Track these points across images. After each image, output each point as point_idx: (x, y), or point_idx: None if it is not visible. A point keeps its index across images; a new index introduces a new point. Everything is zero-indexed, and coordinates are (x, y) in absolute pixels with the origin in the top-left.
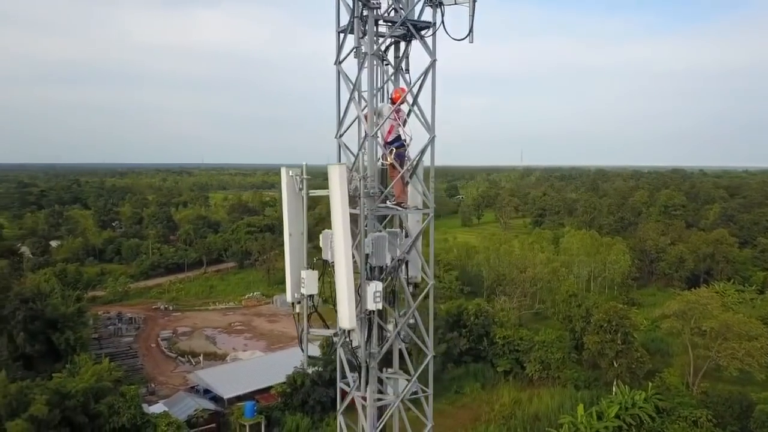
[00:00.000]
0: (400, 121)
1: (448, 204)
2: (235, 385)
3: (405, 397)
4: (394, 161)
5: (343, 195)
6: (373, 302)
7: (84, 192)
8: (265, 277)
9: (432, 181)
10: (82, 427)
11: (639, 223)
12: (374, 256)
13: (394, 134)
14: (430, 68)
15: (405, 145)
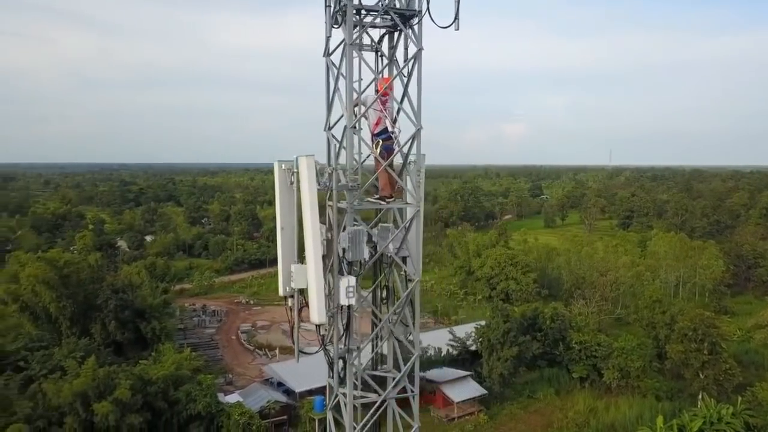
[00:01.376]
0: (387, 113)
1: (531, 204)
2: (307, 380)
3: (391, 396)
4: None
5: (312, 188)
6: (346, 297)
7: (178, 190)
8: None
9: (419, 175)
10: (161, 412)
11: (736, 226)
12: (350, 251)
13: (381, 126)
14: (416, 58)
15: (393, 137)
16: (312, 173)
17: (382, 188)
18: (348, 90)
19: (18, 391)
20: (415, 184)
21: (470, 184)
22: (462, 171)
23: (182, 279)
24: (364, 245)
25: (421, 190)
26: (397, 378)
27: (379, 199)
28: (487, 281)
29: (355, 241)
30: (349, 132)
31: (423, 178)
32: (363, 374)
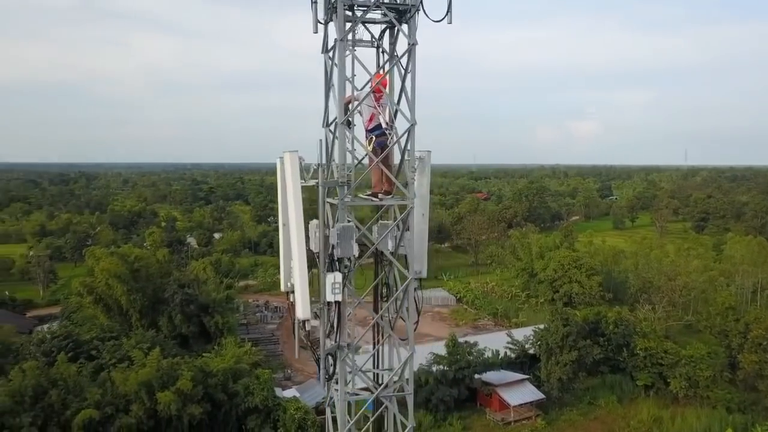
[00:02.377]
0: (381, 109)
1: (599, 205)
2: None
3: (384, 395)
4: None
5: (295, 183)
6: (332, 293)
7: (246, 189)
8: None
9: (412, 171)
10: (221, 403)
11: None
12: (339, 247)
13: (374, 122)
14: (409, 53)
15: (386, 133)
16: (296, 169)
17: (375, 185)
18: (339, 86)
19: (90, 379)
20: (410, 181)
21: (536, 184)
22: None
23: (247, 275)
24: (352, 242)
25: (426, 187)
26: (391, 375)
27: (371, 196)
28: (549, 284)
29: (344, 237)
30: (340, 128)
31: (428, 175)
32: (357, 371)
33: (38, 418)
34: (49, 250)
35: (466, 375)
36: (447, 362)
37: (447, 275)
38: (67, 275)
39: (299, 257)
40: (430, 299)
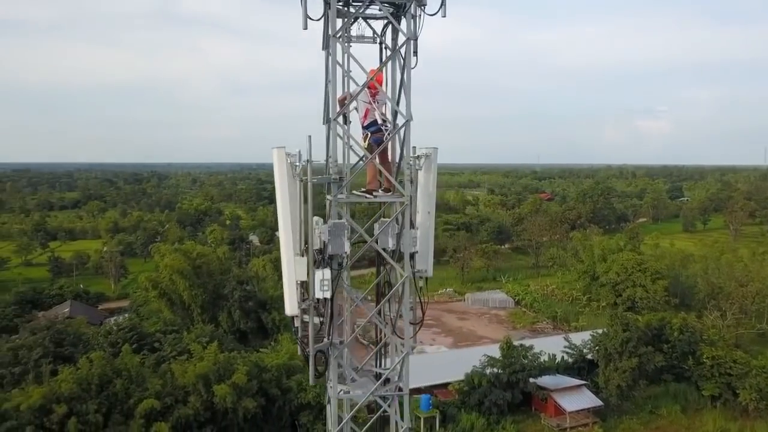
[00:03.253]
0: (376, 105)
1: (668, 207)
2: (416, 377)
3: (376, 394)
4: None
5: (282, 179)
6: (320, 290)
7: None
8: (459, 275)
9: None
10: (275, 398)
11: None
12: (330, 244)
13: (369, 118)
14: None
15: (382, 129)
16: (282, 165)
17: (369, 181)
18: (332, 82)
19: (151, 370)
20: (406, 178)
21: (602, 185)
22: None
23: None
24: (344, 239)
25: (432, 184)
26: (385, 375)
27: (365, 193)
28: (612, 287)
29: (335, 234)
30: (333, 124)
31: (434, 173)
32: (350, 370)
33: (103, 405)
34: (121, 246)
35: (521, 378)
36: (501, 365)
37: (506, 277)
38: (137, 270)
39: (287, 254)
40: (487, 301)
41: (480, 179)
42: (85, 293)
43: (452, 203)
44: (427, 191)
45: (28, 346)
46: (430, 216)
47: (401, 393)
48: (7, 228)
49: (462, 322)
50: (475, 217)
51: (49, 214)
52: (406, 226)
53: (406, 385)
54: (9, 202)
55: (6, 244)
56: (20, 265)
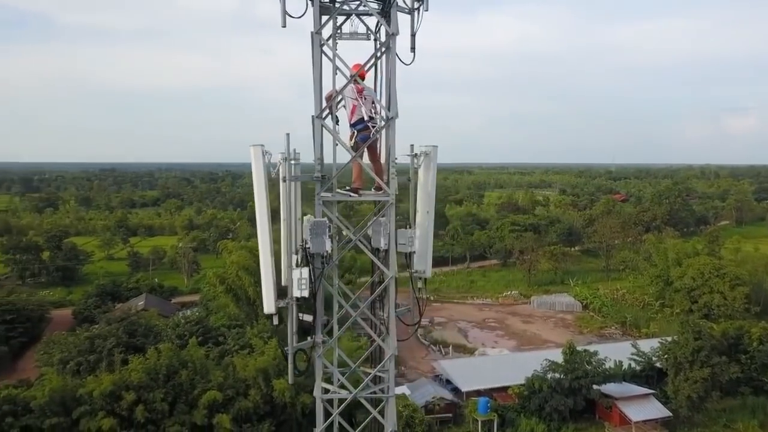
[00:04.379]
0: (362, 101)
1: (754, 209)
2: (475, 380)
3: (361, 394)
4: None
5: (258, 177)
6: (299, 289)
7: None
8: (525, 277)
9: (392, 166)
10: None
11: None
12: (311, 243)
13: (356, 116)
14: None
15: (369, 126)
16: (259, 163)
17: (354, 180)
18: (316, 80)
19: (215, 362)
20: (391, 177)
21: (681, 185)
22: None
23: (368, 272)
24: (325, 238)
25: (431, 184)
26: (370, 374)
27: (350, 191)
28: (687, 293)
29: (316, 232)
30: (316, 122)
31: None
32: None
33: (169, 394)
34: (194, 243)
35: (583, 385)
36: (563, 370)
37: (574, 280)
38: (208, 266)
39: (264, 253)
40: (553, 304)
41: (552, 179)
42: (159, 287)
43: (521, 203)
44: (426, 190)
45: (104, 335)
46: (429, 215)
47: (385, 395)
48: (93, 224)
49: (526, 326)
50: (544, 218)
51: (130, 211)
52: (390, 224)
53: (392, 386)
54: (95, 200)
55: (91, 239)
56: (103, 259)
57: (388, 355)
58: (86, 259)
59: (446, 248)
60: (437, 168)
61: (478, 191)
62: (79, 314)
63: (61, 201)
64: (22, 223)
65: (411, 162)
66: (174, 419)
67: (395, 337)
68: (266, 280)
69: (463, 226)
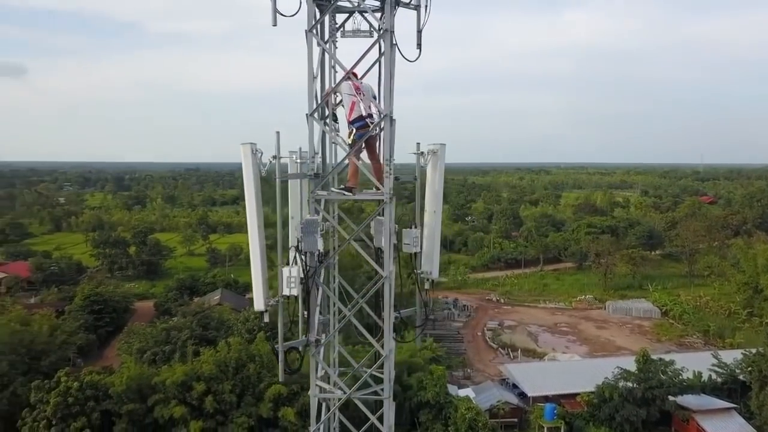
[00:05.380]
0: (360, 98)
1: None
2: (543, 385)
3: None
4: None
5: (248, 175)
6: (287, 287)
7: (447, 188)
8: (601, 281)
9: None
10: (395, 394)
11: None
12: (303, 242)
13: (355, 113)
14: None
15: (368, 124)
16: (248, 161)
17: (348, 179)
18: (309, 77)
19: None
20: (386, 175)
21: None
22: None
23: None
24: (316, 236)
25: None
26: (364, 377)
27: (344, 190)
28: None
29: (307, 231)
30: (309, 120)
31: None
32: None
33: (237, 387)
34: (269, 241)
35: (658, 395)
36: (636, 379)
37: (653, 285)
38: None
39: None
40: (630, 310)
41: (633, 179)
42: (234, 282)
43: (598, 205)
44: (433, 189)
45: (179, 327)
46: (436, 215)
47: (380, 397)
48: (176, 221)
49: (600, 331)
50: (623, 220)
51: (211, 209)
52: (385, 224)
53: (388, 389)
54: (179, 198)
55: (174, 235)
56: (184, 255)
57: (383, 356)
58: (168, 255)
59: (519, 250)
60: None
61: (555, 192)
62: (160, 306)
63: (149, 199)
64: (113, 220)
65: (417, 161)
66: (241, 411)
67: (391, 340)
68: (256, 278)
69: (537, 228)
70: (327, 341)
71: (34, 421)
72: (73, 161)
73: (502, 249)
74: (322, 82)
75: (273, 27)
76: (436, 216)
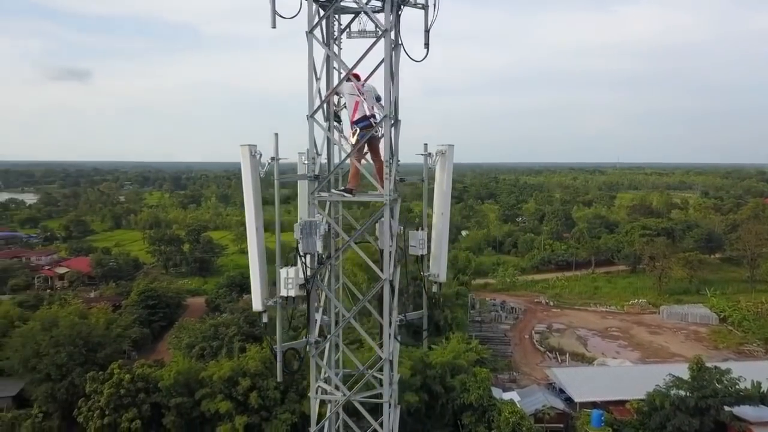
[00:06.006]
0: (364, 98)
1: None
2: (591, 390)
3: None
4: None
5: (246, 176)
6: (285, 288)
7: (499, 188)
8: (656, 285)
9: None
10: (438, 396)
11: None
12: (301, 243)
13: (359, 113)
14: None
15: (372, 124)
16: (246, 162)
17: (350, 180)
18: (309, 78)
19: None
20: (386, 177)
21: None
22: None
23: (487, 274)
24: (315, 238)
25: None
26: (363, 380)
27: (344, 191)
28: None
29: (306, 233)
30: (310, 121)
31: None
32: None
33: (281, 383)
34: None
35: (712, 405)
36: (689, 387)
37: (711, 290)
38: None
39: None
40: (685, 316)
41: (693, 180)
42: None
43: (655, 206)
44: (441, 191)
45: (227, 324)
46: (444, 217)
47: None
48: (229, 219)
49: (653, 337)
50: (680, 223)
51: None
52: (385, 226)
53: (386, 391)
54: (233, 197)
55: (227, 233)
56: (235, 253)
57: (383, 360)
58: (220, 252)
59: (570, 252)
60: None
61: (609, 192)
62: (211, 303)
63: (203, 198)
64: (169, 218)
65: (424, 162)
66: (285, 407)
67: (391, 342)
68: (254, 279)
69: (589, 229)
70: (326, 343)
71: (89, 411)
72: (134, 161)
73: (553, 251)
74: (329, 82)
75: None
76: (444, 218)
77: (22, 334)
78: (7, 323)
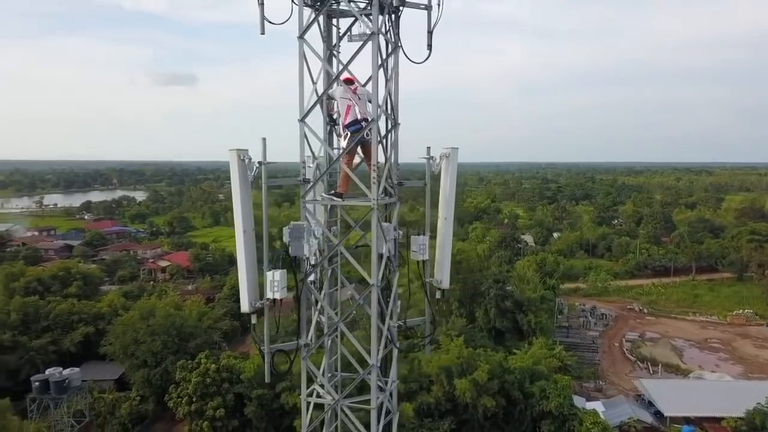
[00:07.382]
0: (357, 101)
1: None
2: (683, 405)
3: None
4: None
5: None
6: (271, 291)
7: (595, 189)
8: (764, 294)
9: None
10: (516, 401)
11: None
12: (291, 246)
13: (351, 116)
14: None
15: (364, 127)
16: (235, 166)
17: (340, 184)
18: (300, 82)
19: (403, 355)
20: (373, 181)
21: None
22: None
23: (578, 278)
24: (303, 242)
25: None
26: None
27: (333, 196)
28: None
29: (295, 236)
30: (300, 125)
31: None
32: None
33: None
34: None
35: None
36: None
37: None
38: None
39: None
40: None
41: None
42: None
43: (766, 209)
44: (444, 195)
45: None
46: (447, 222)
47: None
48: None
49: (759, 351)
50: None
51: None
52: (374, 230)
53: (374, 398)
54: None
55: None
56: None
57: (370, 366)
58: None
59: (668, 257)
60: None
61: (716, 194)
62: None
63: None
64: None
65: (427, 165)
66: None
67: (378, 347)
68: (242, 281)
69: (691, 233)
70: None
71: (178, 397)
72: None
73: (650, 255)
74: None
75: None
76: (447, 223)
77: (123, 322)
78: (112, 312)
